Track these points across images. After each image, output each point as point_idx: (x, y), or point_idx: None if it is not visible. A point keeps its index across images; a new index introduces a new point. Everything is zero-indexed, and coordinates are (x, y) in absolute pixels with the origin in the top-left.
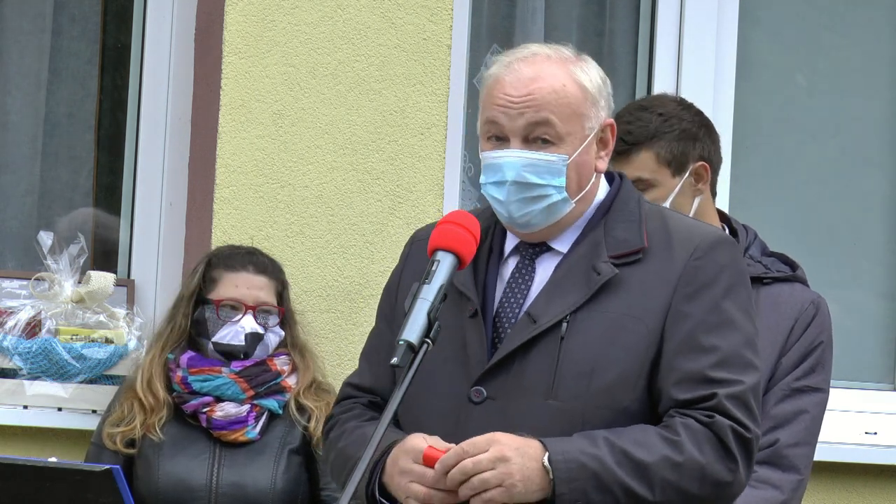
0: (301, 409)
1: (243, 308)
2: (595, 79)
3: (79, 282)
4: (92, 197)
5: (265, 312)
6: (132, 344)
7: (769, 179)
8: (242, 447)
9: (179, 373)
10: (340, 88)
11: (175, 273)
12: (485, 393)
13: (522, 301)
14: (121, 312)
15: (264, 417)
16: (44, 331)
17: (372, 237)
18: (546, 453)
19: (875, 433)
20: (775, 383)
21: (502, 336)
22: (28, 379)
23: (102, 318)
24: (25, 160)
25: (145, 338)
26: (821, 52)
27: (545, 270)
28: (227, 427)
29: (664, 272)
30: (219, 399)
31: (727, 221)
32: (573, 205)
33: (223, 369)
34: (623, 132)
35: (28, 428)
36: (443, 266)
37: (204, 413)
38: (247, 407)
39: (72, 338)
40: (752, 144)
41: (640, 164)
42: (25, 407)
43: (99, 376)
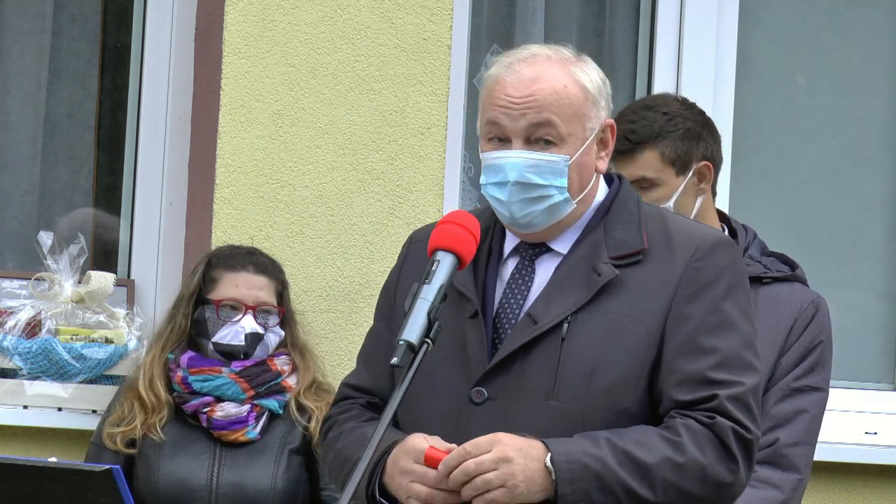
0: (301, 410)
1: (243, 308)
2: (595, 79)
3: (79, 282)
4: (92, 197)
5: (265, 312)
6: (132, 344)
7: (769, 179)
8: (243, 447)
9: (180, 373)
10: (340, 88)
11: (175, 273)
12: (486, 393)
13: (522, 302)
14: (121, 312)
15: (265, 417)
16: (44, 331)
17: (372, 237)
18: (548, 454)
19: (875, 433)
20: (775, 383)
21: (502, 337)
22: (28, 379)
23: (102, 318)
24: (25, 160)
25: (145, 338)
26: (821, 52)
27: (545, 271)
28: (228, 427)
29: (664, 273)
30: (219, 399)
31: (727, 221)
32: (575, 205)
33: (223, 369)
34: (627, 131)
35: (28, 428)
36: (443, 266)
37: (204, 413)
38: (247, 407)
39: (72, 338)
40: (752, 144)
41: (645, 163)
42: (25, 407)
43: (99, 376)
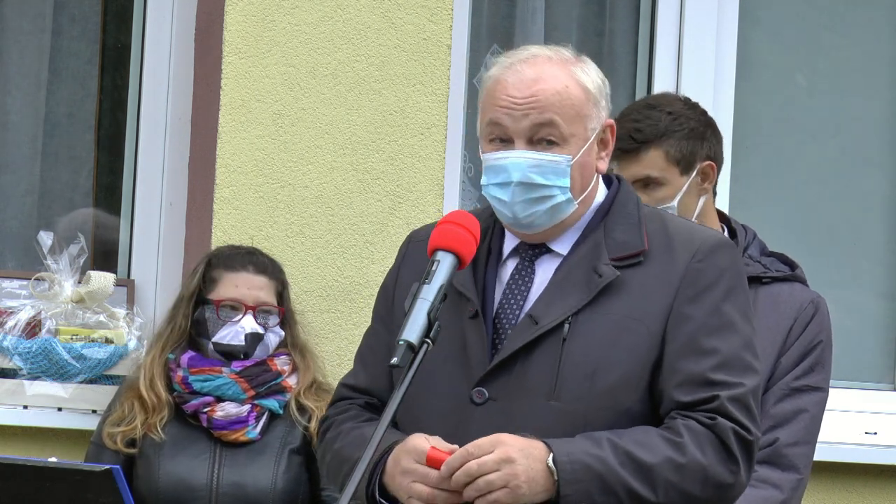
0: (301, 410)
1: (243, 308)
2: (595, 79)
3: (79, 282)
4: (92, 197)
5: (265, 312)
6: (132, 344)
7: (769, 179)
8: (243, 447)
9: (180, 373)
10: (340, 88)
11: (175, 273)
12: (487, 394)
13: (522, 302)
14: (121, 312)
15: (265, 417)
16: (44, 331)
17: (372, 237)
18: (550, 454)
19: (875, 433)
20: (775, 383)
21: (502, 337)
22: (28, 379)
23: (102, 318)
24: (25, 160)
25: (145, 338)
26: (821, 52)
27: (545, 272)
28: (228, 427)
29: (665, 275)
30: (219, 399)
31: (726, 221)
32: (576, 205)
33: (223, 369)
34: (632, 130)
35: (28, 428)
36: (443, 266)
37: (205, 413)
38: (247, 407)
39: (72, 338)
40: (752, 144)
41: (649, 163)
42: (25, 407)
43: (99, 376)
